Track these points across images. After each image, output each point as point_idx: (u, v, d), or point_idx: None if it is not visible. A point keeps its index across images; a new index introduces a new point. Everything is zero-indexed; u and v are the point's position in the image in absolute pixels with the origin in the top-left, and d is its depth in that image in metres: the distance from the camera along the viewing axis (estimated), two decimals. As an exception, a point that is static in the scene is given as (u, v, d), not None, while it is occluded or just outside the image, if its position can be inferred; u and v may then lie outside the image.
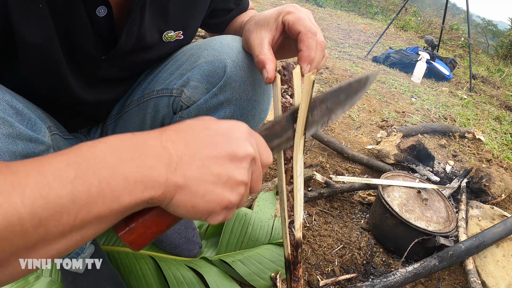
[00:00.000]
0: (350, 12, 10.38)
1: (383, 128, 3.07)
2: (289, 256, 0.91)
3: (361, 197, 2.08)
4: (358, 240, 1.79)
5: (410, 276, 1.47)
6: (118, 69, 1.00)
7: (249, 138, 0.64)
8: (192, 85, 1.02)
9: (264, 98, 1.07)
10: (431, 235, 1.61)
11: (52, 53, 0.81)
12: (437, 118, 3.62)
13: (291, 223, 0.88)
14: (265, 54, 0.83)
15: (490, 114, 4.10)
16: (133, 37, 0.91)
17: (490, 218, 1.92)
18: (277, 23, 0.86)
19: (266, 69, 0.81)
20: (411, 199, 1.76)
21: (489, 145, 3.17)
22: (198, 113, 1.04)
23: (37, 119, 0.80)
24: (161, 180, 0.54)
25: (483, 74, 6.28)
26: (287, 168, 0.83)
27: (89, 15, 0.81)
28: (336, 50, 5.61)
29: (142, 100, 1.11)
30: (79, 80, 0.92)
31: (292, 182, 0.85)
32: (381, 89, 4.16)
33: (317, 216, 1.88)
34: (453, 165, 2.68)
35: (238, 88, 0.99)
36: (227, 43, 1.01)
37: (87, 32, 0.83)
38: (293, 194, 0.86)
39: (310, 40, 0.81)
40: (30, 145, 0.75)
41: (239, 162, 0.61)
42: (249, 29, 0.92)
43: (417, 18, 10.23)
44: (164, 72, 1.09)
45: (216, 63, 0.99)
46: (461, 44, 8.33)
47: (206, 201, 0.58)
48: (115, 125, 1.18)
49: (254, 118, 1.08)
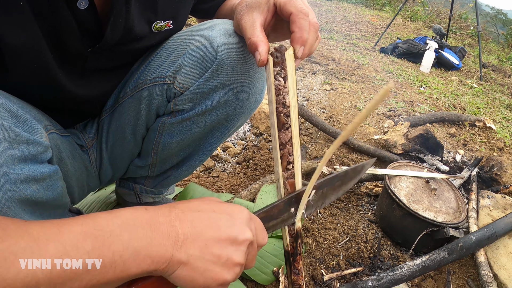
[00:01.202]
0: (357, 4, 10.29)
1: (390, 117, 3.01)
2: (288, 247, 0.90)
3: (368, 189, 2.02)
4: (364, 232, 1.74)
5: (418, 270, 1.42)
6: (106, 60, 0.99)
7: (249, 223, 0.70)
8: (184, 71, 1.01)
9: (258, 81, 1.06)
10: (440, 227, 1.56)
11: (39, 54, 0.80)
12: (446, 107, 3.54)
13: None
14: (257, 36, 0.82)
15: (501, 103, 4.02)
16: (119, 30, 0.90)
17: (502, 208, 1.86)
18: (269, 4, 0.84)
19: (258, 51, 0.80)
20: (419, 189, 1.71)
21: (500, 133, 3.10)
22: (192, 99, 1.04)
23: (33, 120, 0.78)
24: (167, 256, 0.60)
25: (494, 63, 6.18)
26: (282, 154, 0.82)
27: (71, 9, 0.79)
28: (343, 42, 5.55)
29: (136, 90, 1.10)
30: (69, 75, 0.91)
31: (288, 168, 0.83)
32: (388, 79, 4.09)
33: (322, 208, 1.83)
34: (463, 154, 2.62)
35: (231, 71, 0.98)
36: (217, 27, 1.00)
37: (71, 26, 0.82)
38: (290, 181, 0.83)
39: (302, 21, 0.80)
40: (27, 148, 0.74)
41: (238, 246, 0.67)
42: (241, 11, 0.90)
43: (425, 8, 10.12)
44: (156, 60, 1.08)
45: (207, 47, 0.98)
46: (470, 33, 8.22)
47: (205, 277, 0.64)
48: (110, 118, 1.16)
49: (249, 101, 1.07)
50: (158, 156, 1.19)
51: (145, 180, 1.32)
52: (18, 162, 0.71)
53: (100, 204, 1.57)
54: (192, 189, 1.75)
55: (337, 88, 3.49)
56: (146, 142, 1.18)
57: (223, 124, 1.11)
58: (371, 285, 1.34)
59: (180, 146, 1.15)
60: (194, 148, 1.19)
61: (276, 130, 0.81)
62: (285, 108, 0.80)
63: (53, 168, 0.82)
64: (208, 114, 1.06)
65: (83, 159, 1.13)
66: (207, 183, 1.90)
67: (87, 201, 1.59)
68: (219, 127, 1.12)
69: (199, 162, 1.23)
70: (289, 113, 0.80)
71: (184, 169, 1.25)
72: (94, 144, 1.19)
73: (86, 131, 1.18)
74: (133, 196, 1.37)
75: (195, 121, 1.08)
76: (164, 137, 1.13)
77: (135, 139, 1.17)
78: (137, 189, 1.34)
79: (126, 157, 1.23)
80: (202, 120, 1.07)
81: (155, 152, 1.17)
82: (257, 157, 2.15)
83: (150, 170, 1.26)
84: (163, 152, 1.17)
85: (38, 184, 0.77)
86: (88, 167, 1.16)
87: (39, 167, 0.76)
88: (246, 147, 2.34)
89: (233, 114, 1.08)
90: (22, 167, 0.72)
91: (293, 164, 0.83)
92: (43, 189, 0.78)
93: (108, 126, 1.17)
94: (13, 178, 0.70)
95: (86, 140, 1.16)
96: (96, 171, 1.21)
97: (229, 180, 1.96)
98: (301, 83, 3.54)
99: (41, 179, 0.77)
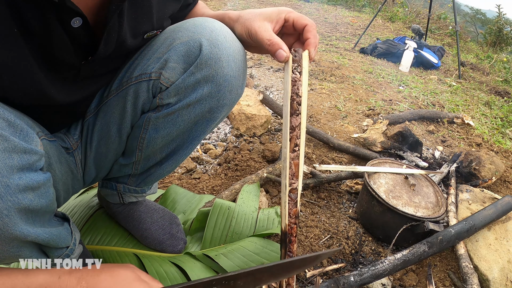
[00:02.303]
0: (337, 6, 10.35)
1: (369, 116, 3.03)
2: (286, 227, 0.99)
3: (348, 186, 2.04)
4: (346, 229, 1.75)
5: (399, 264, 1.43)
6: (99, 67, 1.03)
7: None
8: (170, 66, 1.06)
9: (239, 74, 1.11)
10: (419, 221, 1.58)
11: (27, 71, 0.81)
12: (425, 105, 3.58)
13: (291, 192, 0.98)
14: (277, 38, 0.99)
15: (480, 100, 4.07)
16: (112, 43, 0.94)
17: (480, 201, 1.89)
18: (279, 17, 1.03)
19: (283, 49, 0.97)
20: (398, 185, 1.72)
21: (479, 129, 3.14)
22: (177, 93, 1.08)
23: (28, 129, 0.80)
24: None
25: (472, 61, 6.26)
26: (291, 136, 0.96)
27: (64, 27, 0.81)
28: (323, 44, 5.57)
29: (121, 88, 1.13)
30: (58, 85, 0.92)
31: (295, 150, 0.96)
32: (368, 79, 4.12)
33: (303, 207, 1.84)
34: (442, 150, 2.65)
35: (214, 65, 1.04)
36: (200, 24, 1.07)
37: (65, 44, 0.84)
38: (295, 162, 0.97)
39: (314, 31, 1.01)
40: (25, 157, 0.75)
41: None
42: (250, 18, 1.05)
43: (404, 9, 10.22)
44: (141, 58, 1.12)
45: (191, 43, 1.04)
46: (449, 33, 8.31)
47: None
48: (95, 118, 1.17)
49: (231, 94, 1.12)
50: (142, 153, 1.20)
51: (128, 179, 1.32)
52: (16, 172, 0.73)
53: (82, 208, 1.56)
54: (174, 191, 1.75)
55: (316, 89, 3.51)
56: (131, 139, 1.19)
57: (206, 117, 1.13)
58: (353, 280, 1.35)
59: (165, 141, 1.17)
60: (178, 143, 1.20)
61: (289, 115, 0.95)
62: (298, 97, 0.95)
63: (46, 176, 0.84)
64: (193, 107, 1.09)
65: (69, 162, 1.13)
66: (189, 185, 1.90)
67: (70, 205, 1.58)
68: (202, 120, 1.14)
69: (183, 157, 1.24)
70: (301, 102, 0.95)
71: (167, 164, 1.25)
72: (79, 145, 1.19)
73: (70, 133, 1.18)
74: (116, 197, 1.37)
75: (179, 115, 1.11)
76: (149, 132, 1.14)
77: (120, 137, 1.18)
78: (120, 188, 1.34)
79: (111, 157, 1.23)
80: (187, 113, 1.10)
81: (140, 148, 1.18)
82: (237, 158, 2.15)
83: (133, 167, 1.26)
84: (148, 148, 1.18)
85: (34, 192, 0.79)
86: (73, 170, 1.16)
87: (34, 176, 0.78)
88: (226, 148, 2.34)
89: (216, 106, 1.11)
90: (20, 176, 0.73)
91: (299, 147, 0.96)
92: (38, 197, 0.80)
93: (93, 126, 1.17)
94: (12, 187, 0.71)
95: (71, 143, 1.16)
96: (81, 173, 1.21)
97: (210, 181, 1.96)
98: (280, 84, 3.55)
99: (37, 187, 0.79)
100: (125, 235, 1.47)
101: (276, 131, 2.61)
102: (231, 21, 1.14)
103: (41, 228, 0.87)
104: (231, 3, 7.58)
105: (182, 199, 1.72)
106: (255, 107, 2.55)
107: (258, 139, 2.46)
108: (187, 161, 2.12)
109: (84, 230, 1.47)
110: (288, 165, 0.96)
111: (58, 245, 0.98)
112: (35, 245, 0.91)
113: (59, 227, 1.00)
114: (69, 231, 1.06)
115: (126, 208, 1.43)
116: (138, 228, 1.42)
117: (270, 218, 1.64)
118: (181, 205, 1.68)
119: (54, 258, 1.01)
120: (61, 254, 1.03)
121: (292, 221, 0.98)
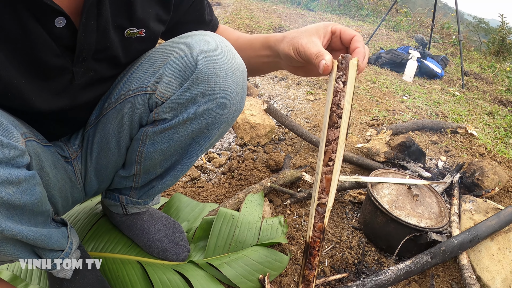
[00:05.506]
0: (341, 15, 10.38)
1: (373, 126, 3.04)
2: (310, 240, 0.97)
3: (351, 196, 2.04)
4: (349, 239, 1.75)
5: (402, 274, 1.44)
6: (93, 73, 1.02)
7: None
8: (165, 81, 1.04)
9: (237, 90, 1.08)
10: (422, 231, 1.58)
11: (7, 79, 0.82)
12: (429, 115, 3.59)
13: (320, 206, 0.95)
14: (323, 50, 0.94)
15: (483, 109, 4.07)
16: (92, 32, 0.92)
17: (483, 211, 1.89)
18: (325, 31, 1.01)
19: (325, 59, 0.90)
20: (401, 195, 1.73)
21: (482, 139, 3.14)
22: (173, 108, 1.06)
23: (9, 124, 0.81)
24: None
25: (476, 71, 6.26)
26: (326, 150, 0.92)
27: (47, 29, 0.82)
28: (326, 52, 5.58)
29: (119, 101, 1.12)
30: (45, 91, 0.93)
31: (329, 164, 0.92)
32: (371, 88, 4.13)
33: (306, 217, 1.85)
34: (445, 160, 2.66)
35: (210, 80, 1.02)
36: (197, 38, 1.05)
37: (49, 46, 0.84)
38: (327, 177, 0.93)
39: (363, 42, 0.97)
40: (1, 151, 0.76)
41: None
42: (296, 36, 1.01)
43: (408, 18, 10.24)
44: (138, 71, 1.11)
45: (187, 57, 1.02)
46: (452, 42, 8.33)
47: None
48: (95, 129, 1.18)
49: (229, 110, 1.10)
50: (141, 166, 1.20)
51: (130, 191, 1.32)
52: None
53: (86, 215, 1.57)
54: (177, 199, 1.76)
55: (320, 98, 3.52)
56: (130, 152, 1.19)
57: (204, 133, 1.12)
58: (356, 290, 1.35)
59: (163, 155, 1.17)
60: (177, 157, 1.20)
61: (327, 127, 0.91)
62: (338, 109, 0.89)
63: (30, 173, 0.84)
64: (189, 123, 1.08)
65: (67, 170, 1.14)
66: (193, 193, 1.91)
67: (73, 211, 1.59)
68: (200, 136, 1.13)
69: (182, 172, 1.24)
70: (341, 114, 0.89)
71: (168, 179, 1.25)
72: (79, 155, 1.20)
73: (70, 142, 1.19)
74: (119, 207, 1.38)
75: (176, 130, 1.10)
76: (147, 146, 1.14)
77: (119, 149, 1.19)
78: (123, 200, 1.35)
79: (111, 168, 1.24)
80: (184, 129, 1.09)
81: (139, 161, 1.18)
82: (241, 167, 2.16)
83: (134, 180, 1.27)
84: (146, 161, 1.18)
85: (14, 187, 0.79)
86: (72, 178, 1.17)
87: (14, 171, 0.79)
88: (231, 157, 2.35)
89: (213, 122, 1.09)
90: None
91: (334, 162, 0.92)
92: (20, 192, 0.80)
93: (93, 138, 1.18)
94: None
95: (70, 152, 1.17)
96: (81, 183, 1.22)
97: (214, 190, 1.97)
98: (285, 93, 3.57)
99: (17, 182, 0.79)
100: (129, 242, 1.47)
101: (280, 141, 2.62)
102: (277, 42, 1.09)
103: (26, 226, 0.87)
104: (235, 12, 7.61)
105: (186, 207, 1.73)
106: (259, 116, 2.57)
107: (262, 148, 2.47)
108: (191, 169, 2.13)
109: (88, 237, 1.48)
110: (319, 179, 0.93)
111: (48, 246, 0.98)
112: (24, 244, 0.92)
113: (52, 229, 1.00)
114: (65, 234, 1.07)
115: (129, 218, 1.43)
116: (141, 237, 1.43)
117: (274, 227, 1.65)
118: (184, 213, 1.69)
119: (47, 259, 1.02)
120: (55, 256, 1.04)
121: (316, 235, 0.96)
